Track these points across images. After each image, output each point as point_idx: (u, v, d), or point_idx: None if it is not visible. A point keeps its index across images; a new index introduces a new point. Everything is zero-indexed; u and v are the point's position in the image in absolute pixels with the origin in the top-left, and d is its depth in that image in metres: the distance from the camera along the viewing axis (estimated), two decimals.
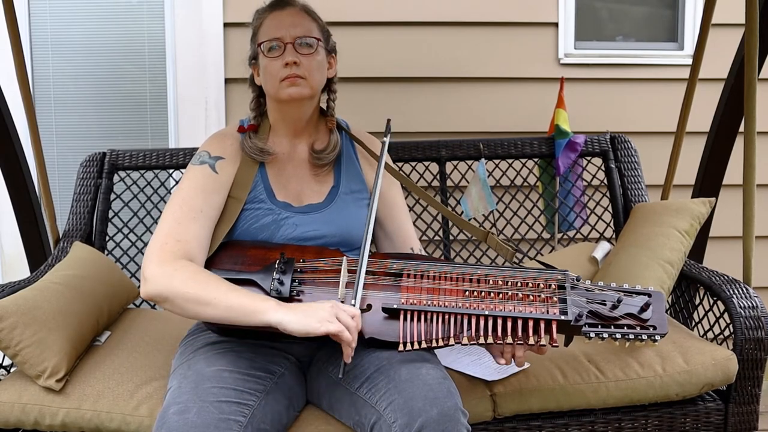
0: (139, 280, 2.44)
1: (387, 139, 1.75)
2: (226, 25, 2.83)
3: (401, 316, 1.54)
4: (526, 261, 2.54)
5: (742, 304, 1.87)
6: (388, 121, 1.81)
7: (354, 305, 1.49)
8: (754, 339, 1.85)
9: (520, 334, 1.50)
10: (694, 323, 2.24)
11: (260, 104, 1.80)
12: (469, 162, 2.56)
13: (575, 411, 1.82)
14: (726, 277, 2.00)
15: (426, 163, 2.57)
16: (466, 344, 1.51)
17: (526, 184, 2.63)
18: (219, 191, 1.68)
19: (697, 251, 2.48)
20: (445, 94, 2.94)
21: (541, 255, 2.54)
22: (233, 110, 2.88)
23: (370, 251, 1.91)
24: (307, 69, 1.66)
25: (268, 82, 1.69)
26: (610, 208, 2.53)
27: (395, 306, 1.54)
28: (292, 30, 1.66)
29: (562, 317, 1.50)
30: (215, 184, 1.68)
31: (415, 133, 2.92)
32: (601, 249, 2.33)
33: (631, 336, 1.55)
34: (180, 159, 2.42)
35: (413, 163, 2.57)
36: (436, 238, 2.55)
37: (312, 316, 1.41)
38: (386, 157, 1.84)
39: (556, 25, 2.93)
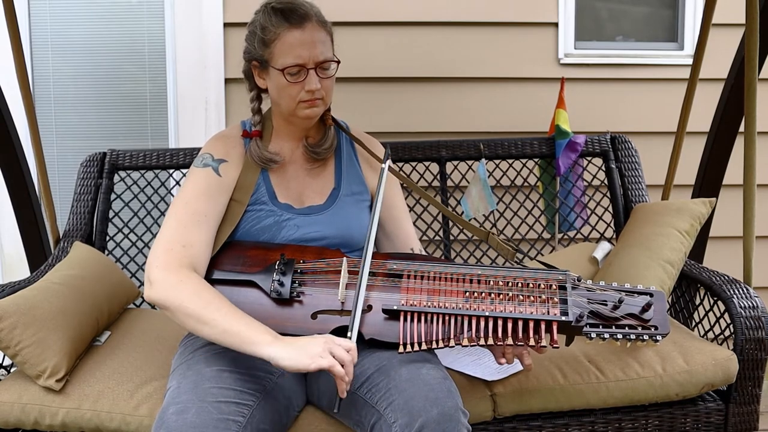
0: (139, 280, 2.46)
1: (386, 165, 1.70)
2: (226, 25, 2.83)
3: (401, 317, 1.54)
4: (527, 261, 2.54)
5: (742, 304, 1.87)
6: (386, 146, 1.78)
7: (350, 338, 1.46)
8: (755, 339, 1.85)
9: (520, 335, 1.50)
10: (694, 323, 2.24)
11: (261, 105, 1.80)
12: (470, 162, 2.55)
13: (575, 411, 1.82)
14: (726, 277, 1.99)
15: (426, 163, 2.57)
16: (466, 345, 1.51)
17: (526, 184, 2.63)
18: (222, 194, 1.68)
19: (698, 251, 2.48)
20: (446, 94, 2.94)
21: (542, 255, 2.54)
22: (233, 110, 2.88)
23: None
24: (326, 89, 1.67)
25: (283, 100, 1.68)
26: (610, 209, 2.53)
27: (395, 307, 1.54)
28: (314, 52, 1.62)
29: (563, 318, 1.50)
30: (219, 188, 1.68)
31: (415, 133, 2.91)
32: (602, 249, 2.33)
33: (633, 336, 1.55)
34: (180, 159, 2.42)
35: (413, 163, 2.57)
36: (437, 238, 2.55)
37: (304, 352, 1.38)
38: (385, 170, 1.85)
39: (556, 25, 2.93)
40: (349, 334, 1.46)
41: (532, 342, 1.51)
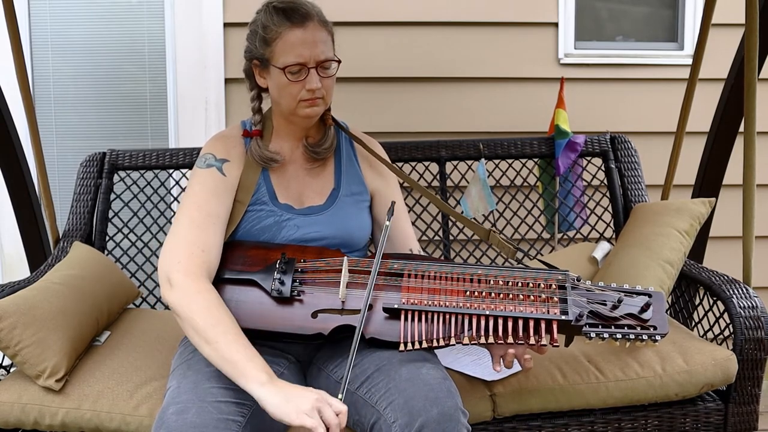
0: (139, 280, 2.46)
1: (389, 223, 1.65)
2: (226, 25, 2.83)
3: (402, 316, 1.54)
4: (527, 261, 2.54)
5: (742, 304, 1.87)
6: (393, 204, 1.71)
7: (341, 399, 1.39)
8: (754, 339, 1.85)
9: (520, 334, 1.51)
10: (694, 323, 2.24)
11: (261, 105, 1.80)
12: (469, 162, 2.56)
13: (575, 411, 1.82)
14: (726, 277, 2.00)
15: (426, 163, 2.57)
16: (467, 344, 1.51)
17: (526, 184, 2.63)
18: (228, 194, 1.69)
19: (697, 251, 2.48)
20: (445, 94, 2.94)
21: (541, 255, 2.54)
22: (233, 110, 2.88)
23: (369, 251, 1.93)
24: (326, 89, 1.67)
25: (284, 99, 1.68)
26: (610, 208, 2.53)
27: (396, 306, 1.54)
28: (315, 51, 1.63)
29: (563, 317, 1.50)
30: (225, 187, 1.68)
31: (415, 133, 2.92)
32: (601, 249, 2.33)
33: (632, 336, 1.56)
34: (180, 159, 2.42)
35: (413, 163, 2.57)
36: (436, 238, 2.55)
37: (293, 405, 1.35)
38: (386, 158, 1.85)
39: (556, 25, 2.93)
40: (340, 396, 1.40)
41: (532, 341, 1.51)
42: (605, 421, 1.83)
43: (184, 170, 2.47)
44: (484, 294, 1.55)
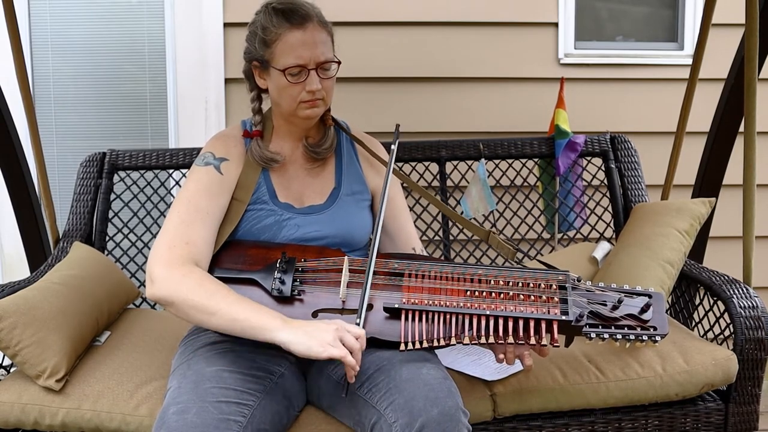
0: (139, 280, 2.46)
1: (395, 147, 1.70)
2: (226, 25, 2.83)
3: (403, 316, 1.54)
4: (527, 261, 2.54)
5: (742, 304, 1.87)
6: (397, 126, 1.76)
7: (359, 324, 1.48)
8: (755, 339, 1.85)
9: (521, 334, 1.51)
10: (694, 323, 2.24)
11: (261, 105, 1.80)
12: (469, 162, 2.56)
13: (575, 411, 1.82)
14: (726, 277, 2.00)
15: (426, 163, 2.57)
16: (467, 344, 1.51)
17: (526, 184, 2.63)
18: (224, 193, 1.69)
19: (697, 251, 2.48)
20: (445, 94, 2.94)
21: (541, 255, 2.54)
22: (233, 110, 2.88)
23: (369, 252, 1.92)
24: (326, 90, 1.68)
25: (284, 100, 1.68)
26: (610, 208, 2.53)
27: (397, 306, 1.54)
28: (315, 52, 1.63)
29: (563, 317, 1.51)
30: (220, 186, 1.68)
31: (415, 133, 2.91)
32: (601, 249, 2.33)
33: (632, 337, 1.56)
34: (180, 159, 2.42)
35: (413, 163, 2.57)
36: (436, 238, 2.55)
37: (316, 338, 1.40)
38: (387, 158, 1.85)
39: (556, 25, 2.94)
40: (357, 321, 1.47)
41: (532, 341, 1.51)
42: (605, 421, 1.83)
43: (184, 170, 2.47)
44: (484, 294, 1.55)
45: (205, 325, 1.49)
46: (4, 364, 1.94)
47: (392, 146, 1.70)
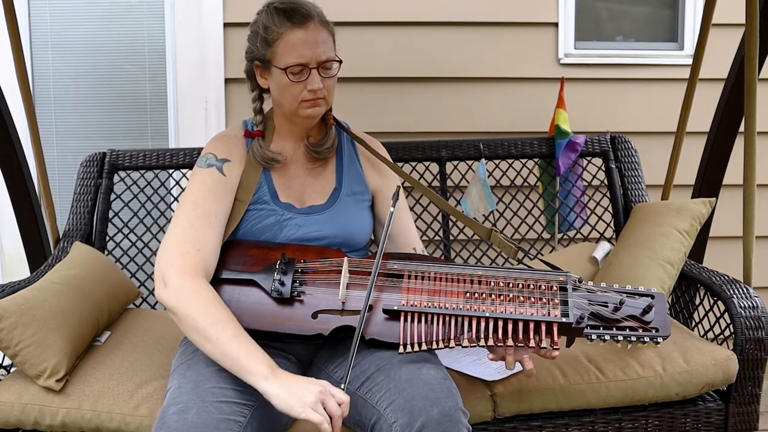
0: (139, 280, 2.46)
1: (393, 209, 1.65)
2: (226, 25, 2.83)
3: (402, 318, 1.54)
4: (527, 261, 2.54)
5: (742, 304, 1.87)
6: (398, 188, 1.70)
7: (344, 389, 1.42)
8: (755, 339, 1.85)
9: (521, 336, 1.50)
10: (694, 323, 2.24)
11: (262, 105, 1.80)
12: (469, 162, 2.56)
13: (575, 411, 1.82)
14: (726, 277, 2.00)
15: (426, 163, 2.57)
16: (466, 346, 1.50)
17: (526, 184, 2.63)
18: (228, 194, 1.69)
19: (697, 251, 2.48)
20: (445, 94, 2.94)
21: (542, 255, 2.54)
22: (233, 110, 2.88)
23: (369, 251, 1.93)
24: (328, 89, 1.68)
25: (285, 99, 1.68)
26: (610, 208, 2.53)
27: (396, 307, 1.54)
28: (317, 52, 1.63)
29: (563, 319, 1.50)
30: (224, 187, 1.68)
31: (415, 133, 2.92)
32: (602, 249, 2.33)
33: (633, 338, 1.55)
34: (180, 159, 2.42)
35: (413, 163, 2.57)
36: (436, 238, 2.55)
37: (298, 397, 1.37)
38: (388, 158, 1.85)
39: (556, 25, 2.93)
40: (342, 386, 1.42)
41: (532, 343, 1.50)
42: (606, 421, 1.83)
43: (184, 170, 2.47)
44: (484, 295, 1.55)
45: (198, 346, 1.49)
46: (4, 364, 1.94)
47: (391, 208, 1.65)
